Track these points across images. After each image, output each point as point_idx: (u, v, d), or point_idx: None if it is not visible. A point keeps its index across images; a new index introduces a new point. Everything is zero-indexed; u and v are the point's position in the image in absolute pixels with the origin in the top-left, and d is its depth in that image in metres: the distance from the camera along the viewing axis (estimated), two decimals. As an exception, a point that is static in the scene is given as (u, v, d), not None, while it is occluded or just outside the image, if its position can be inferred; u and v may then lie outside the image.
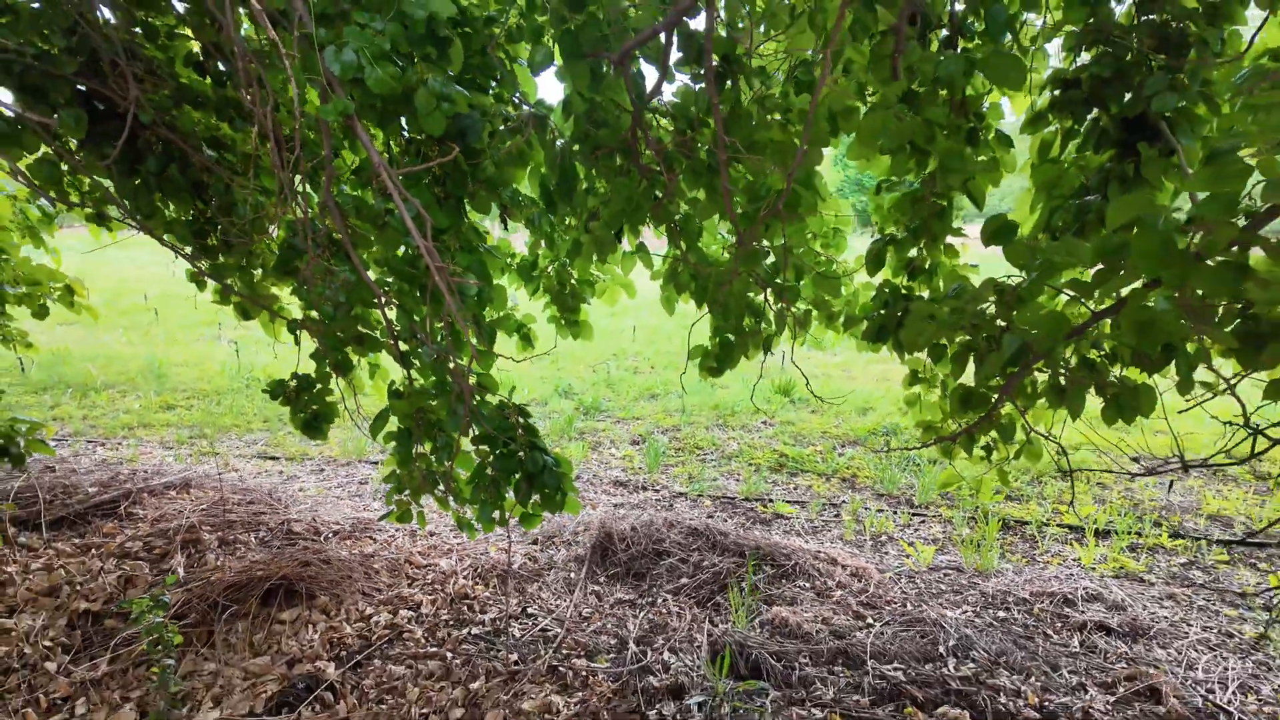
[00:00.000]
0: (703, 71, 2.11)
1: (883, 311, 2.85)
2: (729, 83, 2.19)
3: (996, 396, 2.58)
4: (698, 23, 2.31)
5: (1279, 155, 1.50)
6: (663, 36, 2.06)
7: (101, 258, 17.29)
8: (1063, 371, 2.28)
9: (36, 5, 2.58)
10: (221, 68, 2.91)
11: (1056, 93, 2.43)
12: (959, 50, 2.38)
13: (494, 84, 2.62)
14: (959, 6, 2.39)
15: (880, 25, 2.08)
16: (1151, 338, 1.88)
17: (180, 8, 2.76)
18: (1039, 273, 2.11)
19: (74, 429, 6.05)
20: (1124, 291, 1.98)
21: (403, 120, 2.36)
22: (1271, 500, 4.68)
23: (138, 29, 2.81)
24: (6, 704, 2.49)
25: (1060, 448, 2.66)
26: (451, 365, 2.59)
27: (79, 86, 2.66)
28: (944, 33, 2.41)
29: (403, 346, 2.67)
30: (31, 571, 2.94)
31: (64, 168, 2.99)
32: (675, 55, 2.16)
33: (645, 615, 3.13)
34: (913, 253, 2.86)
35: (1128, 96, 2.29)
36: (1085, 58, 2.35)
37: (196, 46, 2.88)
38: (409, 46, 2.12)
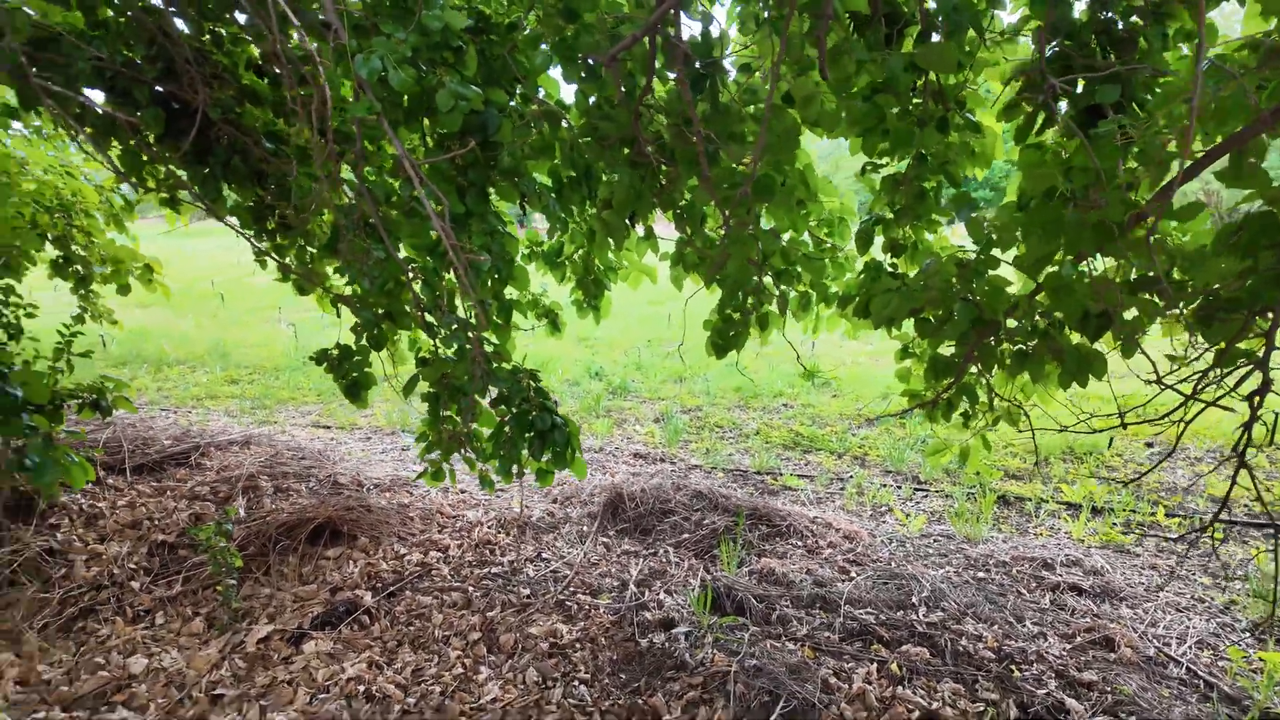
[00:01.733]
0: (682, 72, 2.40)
1: (868, 287, 3.09)
2: (708, 81, 2.47)
3: (961, 362, 2.81)
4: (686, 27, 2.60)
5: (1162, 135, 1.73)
6: (647, 41, 2.35)
7: (176, 249, 18.40)
8: (1010, 339, 2.51)
9: (122, 20, 3.02)
10: (277, 71, 3.32)
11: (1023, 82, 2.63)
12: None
13: (519, 84, 2.95)
14: (931, 5, 2.61)
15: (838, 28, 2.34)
16: (1068, 302, 2.11)
17: (242, 19, 3.17)
18: (982, 246, 2.35)
19: (150, 399, 6.67)
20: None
21: (427, 119, 2.72)
22: (1277, 485, 4.74)
23: (207, 38, 3.24)
24: (99, 613, 2.96)
25: (1024, 411, 2.88)
26: (470, 335, 2.94)
27: (158, 89, 3.09)
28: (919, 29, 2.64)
29: (428, 318, 3.04)
30: (118, 508, 3.42)
31: (144, 158, 3.44)
32: (661, 59, 2.45)
33: (647, 563, 3.45)
34: (899, 234, 3.09)
35: (1080, 87, 2.50)
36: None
37: (256, 52, 3.29)
38: (430, 53, 2.47)
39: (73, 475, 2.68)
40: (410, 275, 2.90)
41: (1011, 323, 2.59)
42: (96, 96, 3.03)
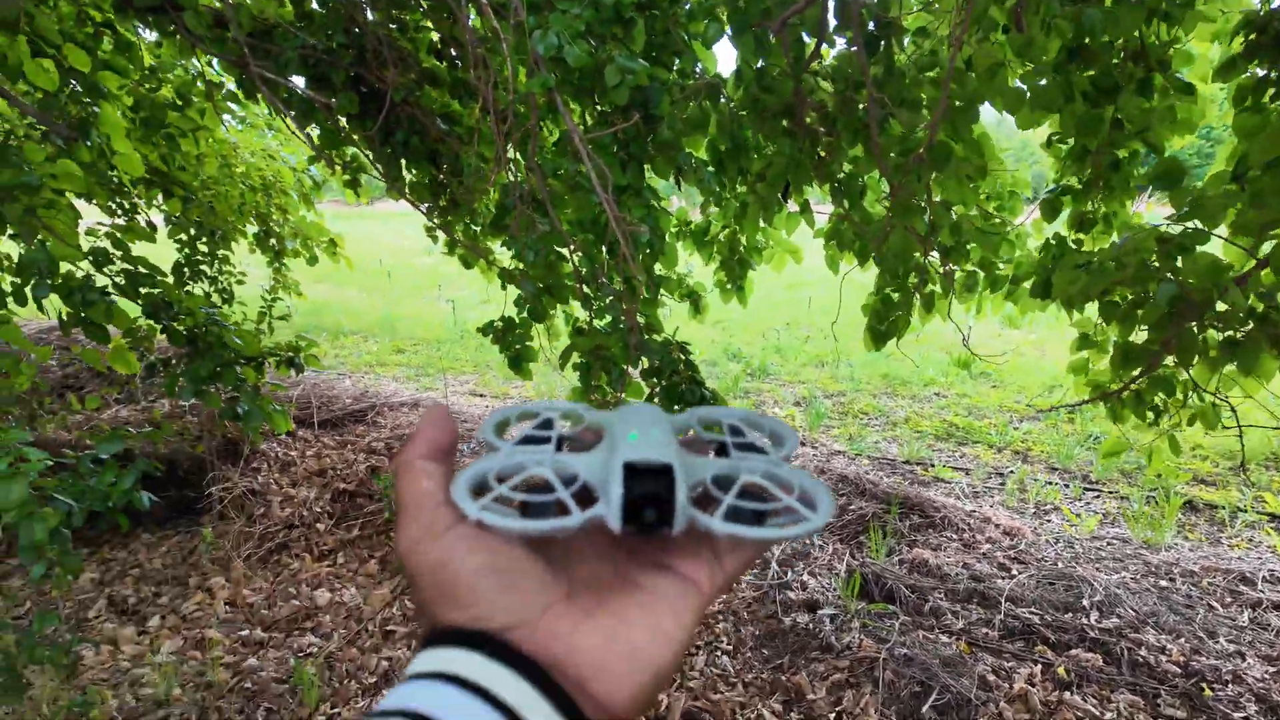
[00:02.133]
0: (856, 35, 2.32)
1: (1050, 265, 2.87)
2: (883, 44, 2.37)
3: (1158, 350, 2.56)
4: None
5: None
6: (821, 4, 2.29)
7: (347, 231, 20.05)
8: (1218, 325, 2.25)
9: (323, 11, 3.30)
10: (453, 54, 3.52)
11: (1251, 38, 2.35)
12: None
13: (676, 59, 2.97)
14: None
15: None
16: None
17: (424, 5, 3.38)
18: (1187, 215, 2.11)
19: (329, 364, 7.33)
20: None
21: (594, 94, 2.79)
22: None
23: (393, 25, 3.48)
24: (291, 549, 3.31)
25: (1231, 408, 2.58)
26: (624, 307, 3.01)
27: (351, 74, 3.35)
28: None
29: (586, 290, 3.14)
30: (306, 457, 3.81)
31: (338, 138, 3.75)
32: (833, 22, 2.38)
33: (789, 544, 3.41)
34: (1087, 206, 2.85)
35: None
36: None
37: (436, 37, 3.51)
38: (601, 28, 2.53)
39: (276, 421, 3.00)
40: (572, 248, 3.01)
41: (1221, 305, 2.32)
42: (297, 82, 3.35)
